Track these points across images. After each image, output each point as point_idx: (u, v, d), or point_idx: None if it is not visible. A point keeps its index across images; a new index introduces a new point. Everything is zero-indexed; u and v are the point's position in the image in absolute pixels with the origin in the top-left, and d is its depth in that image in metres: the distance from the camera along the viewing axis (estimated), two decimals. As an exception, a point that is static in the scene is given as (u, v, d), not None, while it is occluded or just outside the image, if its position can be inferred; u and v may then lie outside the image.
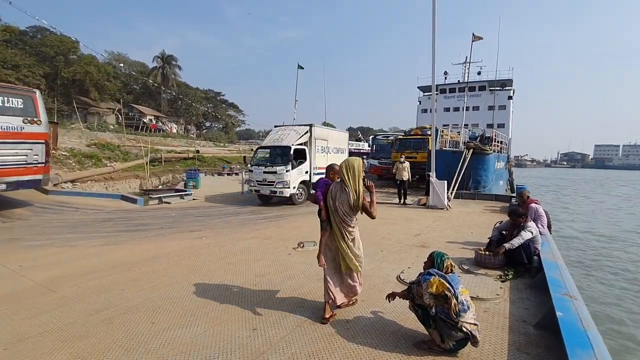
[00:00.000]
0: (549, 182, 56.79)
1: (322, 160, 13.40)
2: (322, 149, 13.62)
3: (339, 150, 14.99)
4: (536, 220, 5.73)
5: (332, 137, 14.47)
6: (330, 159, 13.60)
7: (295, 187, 12.26)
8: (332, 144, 14.36)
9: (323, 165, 12.64)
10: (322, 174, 12.26)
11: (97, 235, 7.57)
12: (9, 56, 30.34)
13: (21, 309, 3.71)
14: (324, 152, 13.75)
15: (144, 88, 51.12)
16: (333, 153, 14.33)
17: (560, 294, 3.37)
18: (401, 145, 17.62)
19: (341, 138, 15.43)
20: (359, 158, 3.55)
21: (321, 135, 13.62)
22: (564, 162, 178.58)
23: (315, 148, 13.14)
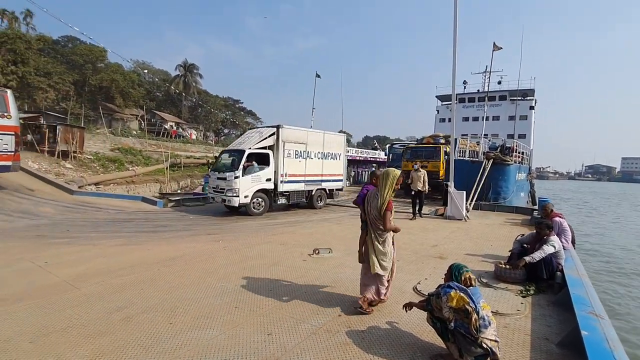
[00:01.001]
0: (574, 195, 54.76)
1: (298, 167, 11.99)
2: (297, 153, 11.93)
3: (328, 155, 13.12)
4: (560, 235, 5.53)
5: (315, 141, 12.61)
6: (313, 165, 12.47)
7: (248, 196, 10.75)
8: (315, 147, 12.56)
9: (299, 172, 12.02)
10: (298, 181, 12.01)
11: (118, 235, 7.80)
12: (42, 64, 31.99)
13: (47, 304, 3.85)
14: (301, 158, 12.04)
15: (166, 95, 52.80)
16: (318, 159, 12.71)
17: (586, 312, 3.23)
18: (412, 154, 17.21)
19: (331, 141, 13.38)
20: (397, 170, 3.75)
21: (294, 138, 11.88)
22: (589, 174, 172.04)
23: (285, 152, 11.51)
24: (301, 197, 12.41)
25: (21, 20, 37.69)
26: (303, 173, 12.20)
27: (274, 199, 11.60)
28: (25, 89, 29.84)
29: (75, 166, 18.82)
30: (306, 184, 12.39)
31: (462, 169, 12.98)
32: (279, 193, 11.59)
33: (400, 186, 3.84)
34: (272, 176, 11.33)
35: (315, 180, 12.70)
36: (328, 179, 13.23)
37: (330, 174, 13.29)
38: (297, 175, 12.01)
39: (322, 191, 13.21)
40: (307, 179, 12.38)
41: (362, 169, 27.27)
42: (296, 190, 12.13)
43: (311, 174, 12.49)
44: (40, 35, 34.99)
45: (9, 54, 28.50)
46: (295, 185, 12.04)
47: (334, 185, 13.65)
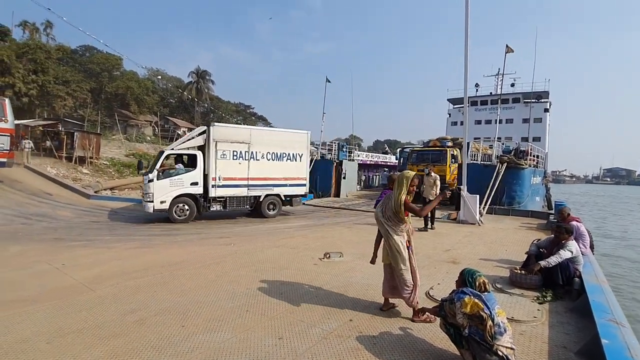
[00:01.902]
0: (591, 199, 53.26)
1: (237, 169, 10.66)
2: (235, 154, 10.58)
3: (284, 156, 11.50)
4: (577, 240, 5.37)
5: (263, 140, 11.15)
6: (260, 167, 11.04)
7: (166, 201, 9.79)
8: (264, 147, 11.07)
9: (239, 176, 10.68)
10: (238, 186, 10.70)
11: (132, 238, 7.94)
12: (61, 73, 33.08)
13: (63, 306, 3.94)
14: (241, 159, 10.70)
15: (179, 102, 53.82)
16: (268, 160, 11.17)
17: (606, 320, 3.12)
18: (418, 157, 16.48)
19: (289, 140, 11.71)
20: (412, 173, 3.75)
21: (231, 137, 10.58)
22: (607, 178, 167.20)
23: (218, 153, 10.29)
24: (243, 203, 11.00)
25: (42, 31, 39.12)
26: (245, 176, 10.83)
27: (205, 205, 10.43)
28: (45, 97, 30.87)
29: (91, 171, 19.31)
30: (250, 189, 10.98)
31: (474, 173, 12.78)
32: (212, 199, 10.40)
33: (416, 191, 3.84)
34: (199, 180, 10.24)
35: (263, 184, 11.19)
36: (283, 183, 11.56)
37: (287, 178, 11.63)
38: (236, 179, 10.68)
39: (275, 197, 11.52)
40: (251, 184, 10.94)
41: (372, 173, 27.12)
42: (235, 196, 10.76)
43: (257, 177, 11.04)
44: (59, 45, 36.23)
45: (30, 63, 29.57)
46: (234, 190, 10.71)
47: (294, 190, 11.87)
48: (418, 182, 3.82)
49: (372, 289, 4.51)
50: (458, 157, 15.74)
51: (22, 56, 29.52)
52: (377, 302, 4.11)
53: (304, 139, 12.21)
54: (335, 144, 20.75)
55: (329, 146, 20.69)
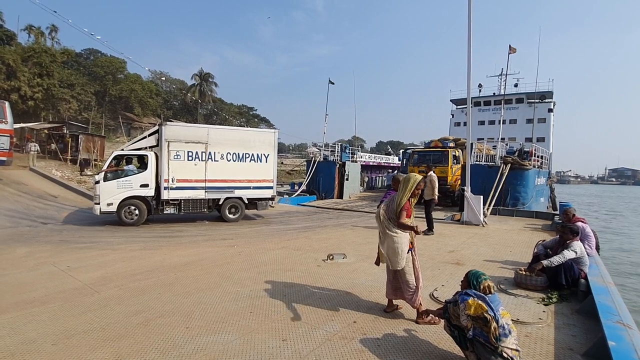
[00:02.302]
0: (596, 200, 52.84)
1: (193, 171, 10.12)
2: (190, 155, 10.05)
3: (247, 157, 10.77)
4: (583, 241, 5.32)
5: (222, 139, 10.52)
6: (220, 168, 10.43)
7: (113, 203, 9.51)
8: (224, 147, 10.47)
9: (195, 177, 10.18)
10: (194, 188, 10.20)
11: (136, 239, 7.98)
12: (66, 76, 33.41)
13: (69, 307, 3.96)
14: (197, 160, 10.15)
15: (182, 104, 54.14)
16: (228, 161, 10.53)
17: (613, 322, 3.09)
18: (419, 158, 16.24)
19: (253, 139, 10.95)
20: (419, 176, 3.73)
21: (186, 137, 10.03)
22: (613, 178, 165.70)
23: (171, 154, 9.80)
24: (200, 206, 10.45)
25: (47, 34, 39.51)
26: (202, 178, 10.29)
27: (158, 207, 10.04)
28: (50, 100, 31.16)
29: (96, 174, 19.42)
30: (208, 192, 10.40)
31: (478, 174, 12.72)
32: (165, 201, 9.96)
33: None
34: (150, 181, 9.85)
35: (223, 187, 10.60)
36: (246, 185, 10.85)
37: (251, 180, 10.91)
38: (191, 181, 10.17)
39: (238, 201, 10.84)
40: (209, 186, 10.38)
41: (375, 174, 27.06)
42: (191, 199, 10.24)
43: (216, 179, 10.46)
44: (64, 49, 36.59)
45: (35, 67, 29.88)
46: (189, 192, 10.19)
47: (259, 193, 11.08)
48: (423, 185, 3.82)
49: (376, 291, 4.50)
50: (460, 157, 15.62)
51: (28, 60, 29.85)
52: (381, 303, 4.10)
53: (271, 138, 11.25)
54: (338, 145, 20.73)
55: (331, 147, 20.68)
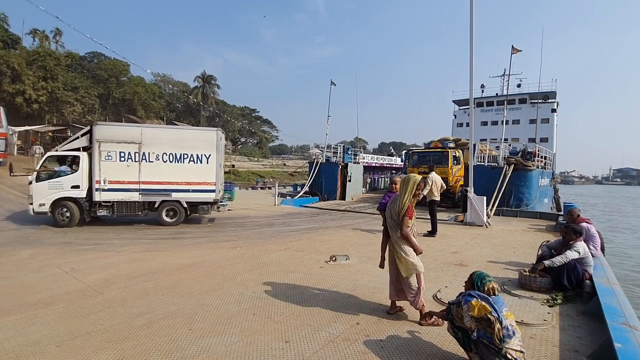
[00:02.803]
0: (601, 201, 52.46)
1: (126, 172, 9.77)
2: (122, 155, 9.71)
3: (185, 157, 10.14)
4: (588, 241, 5.28)
5: (157, 139, 10.03)
6: (155, 170, 9.96)
7: (45, 204, 9.43)
8: (159, 148, 9.97)
9: (129, 179, 9.84)
10: (127, 190, 9.86)
11: (140, 241, 8.00)
12: (70, 79, 33.68)
13: (72, 309, 3.98)
14: (131, 161, 9.77)
15: (185, 106, 54.41)
16: (164, 162, 10.00)
17: (618, 323, 3.07)
18: (419, 159, 16.09)
19: (192, 139, 10.34)
20: (419, 176, 3.72)
21: (118, 137, 9.72)
22: (617, 178, 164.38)
23: (103, 154, 9.55)
24: (135, 209, 10.08)
25: (51, 38, 39.83)
26: (136, 180, 9.90)
27: (91, 209, 9.84)
28: (54, 103, 31.42)
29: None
30: (143, 194, 9.97)
31: (481, 175, 12.65)
32: (98, 203, 9.73)
33: None
34: (81, 183, 9.63)
35: (158, 189, 10.06)
36: (185, 188, 10.22)
37: (190, 182, 10.25)
38: (124, 183, 9.82)
39: (176, 204, 10.27)
40: (143, 188, 9.95)
41: (378, 175, 27.01)
42: (125, 201, 9.90)
43: (151, 181, 9.99)
44: (68, 52, 36.92)
45: (39, 70, 30.16)
46: (123, 194, 9.85)
47: (199, 197, 10.36)
48: (424, 185, 3.82)
49: (379, 292, 4.49)
50: (460, 158, 15.51)
51: (32, 63, 30.13)
52: (384, 305, 4.09)
53: (212, 137, 10.41)
54: (340, 146, 20.73)
55: (334, 149, 20.68)
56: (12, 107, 28.91)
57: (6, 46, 32.03)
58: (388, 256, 3.90)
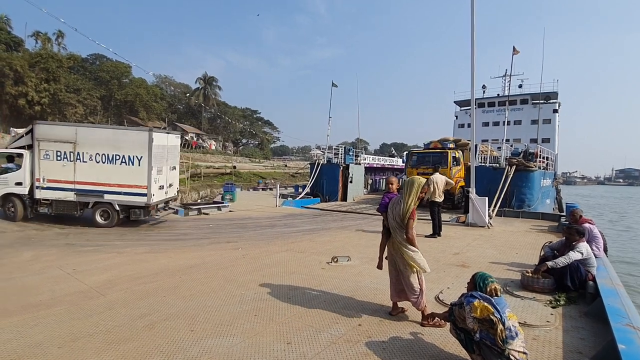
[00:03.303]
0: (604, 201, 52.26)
1: (63, 171, 9.84)
2: (59, 155, 9.78)
3: (117, 159, 9.85)
4: (590, 242, 5.26)
5: (92, 140, 9.95)
6: (89, 171, 9.88)
7: None
8: (93, 148, 9.87)
9: (65, 179, 9.87)
10: (64, 189, 9.93)
11: (142, 243, 8.02)
12: (72, 81, 33.82)
13: (74, 311, 3.98)
14: (67, 160, 9.80)
15: (187, 107, 54.52)
16: (97, 162, 9.88)
17: (622, 325, 3.04)
18: (418, 160, 15.92)
19: (125, 140, 9.98)
20: (423, 179, 3.71)
21: (55, 136, 9.81)
22: (620, 179, 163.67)
23: (42, 153, 9.72)
24: (71, 208, 10.06)
25: (54, 40, 40.06)
26: (72, 180, 9.91)
27: (33, 206, 10.07)
28: (56, 104, 31.55)
29: None
30: (77, 194, 9.92)
31: (483, 176, 12.62)
32: (39, 200, 9.94)
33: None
34: (23, 180, 9.86)
35: (92, 190, 9.91)
36: (117, 190, 9.87)
37: (122, 184, 9.88)
38: (61, 182, 9.89)
39: (109, 206, 10.00)
40: (78, 188, 9.90)
41: (379, 176, 26.99)
42: (62, 200, 9.98)
43: (85, 181, 9.91)
44: (70, 54, 37.10)
45: (42, 72, 30.30)
46: (60, 193, 9.94)
47: (130, 200, 9.89)
48: (428, 188, 3.82)
49: (381, 293, 4.47)
50: (460, 159, 15.44)
51: (35, 65, 30.27)
52: (386, 306, 4.07)
53: (143, 138, 9.92)
54: (341, 147, 20.72)
55: (335, 150, 20.68)
56: (14, 109, 29.09)
57: (9, 48, 32.21)
58: (387, 257, 3.88)
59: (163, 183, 10.53)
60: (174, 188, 11.50)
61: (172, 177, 11.19)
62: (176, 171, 11.57)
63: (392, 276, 3.82)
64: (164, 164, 10.45)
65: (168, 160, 10.68)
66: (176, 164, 11.46)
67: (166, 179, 10.67)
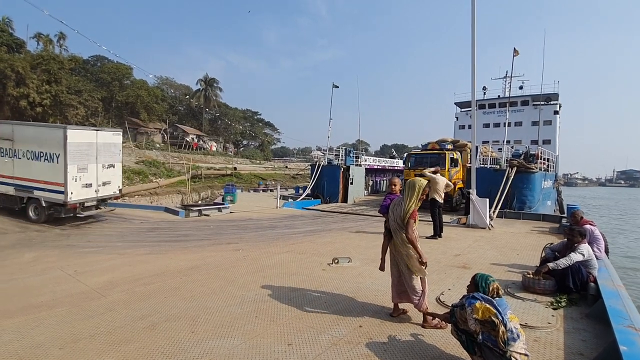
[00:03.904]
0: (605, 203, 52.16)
1: (5, 167, 10.63)
2: (2, 152, 10.67)
3: (41, 156, 10.10)
4: (591, 244, 5.25)
5: (26, 137, 10.41)
6: (24, 167, 10.37)
7: None
8: (25, 145, 10.33)
9: (7, 174, 10.58)
10: (6, 184, 10.66)
11: (143, 244, 8.02)
12: (73, 83, 33.89)
13: (76, 312, 3.99)
14: (7, 156, 10.58)
15: (187, 109, 54.62)
16: (28, 159, 10.28)
17: (624, 326, 3.04)
18: (416, 161, 15.81)
19: (46, 137, 10.15)
20: (425, 181, 3.70)
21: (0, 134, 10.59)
22: (621, 180, 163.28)
23: None
24: (13, 202, 10.71)
25: (55, 42, 40.15)
26: (11, 175, 10.61)
27: None
28: (57, 106, 31.60)
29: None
30: (16, 189, 10.57)
31: (484, 178, 12.61)
32: None
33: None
34: None
35: (24, 186, 10.41)
36: (42, 187, 10.15)
37: (45, 182, 10.07)
38: (4, 177, 10.70)
39: (38, 202, 10.28)
40: (16, 183, 10.55)
41: (380, 177, 26.97)
42: (4, 194, 10.78)
43: (20, 177, 10.46)
44: (72, 56, 37.16)
45: (43, 74, 30.36)
46: (3, 187, 10.77)
47: (50, 197, 10.05)
48: (429, 190, 3.82)
49: (382, 295, 4.47)
50: (458, 160, 15.41)
51: (36, 67, 30.34)
52: (387, 307, 4.07)
53: (58, 135, 9.88)
54: (342, 149, 20.73)
55: (336, 151, 20.69)
56: (16, 111, 29.12)
57: (11, 50, 32.30)
58: (389, 259, 3.88)
59: (90, 181, 10.44)
60: (113, 186, 11.31)
61: (108, 175, 11.02)
62: (115, 169, 11.34)
63: (394, 277, 3.82)
64: (90, 161, 10.35)
65: (99, 158, 10.58)
66: (114, 162, 11.27)
67: (96, 177, 10.58)
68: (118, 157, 11.46)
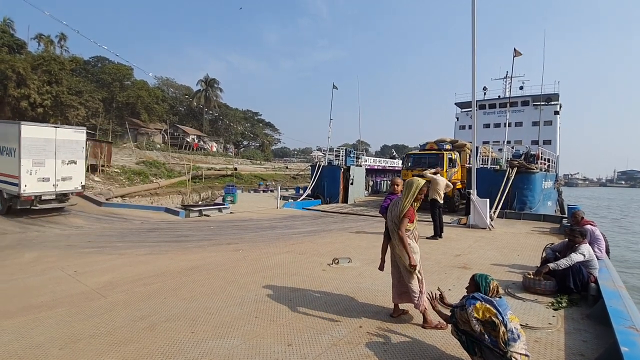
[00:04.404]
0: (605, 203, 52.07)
1: None
2: None
3: (6, 150, 10.95)
4: (592, 244, 5.24)
5: None
6: None
7: None
8: None
9: None
10: None
11: (143, 244, 8.02)
12: (74, 83, 33.94)
13: (75, 312, 3.99)
14: None
15: (188, 109, 54.68)
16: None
17: (625, 327, 3.03)
18: (414, 161, 15.76)
19: (6, 133, 11.05)
20: (424, 181, 3.69)
21: None
22: (622, 181, 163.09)
23: None
24: None
25: (56, 43, 40.22)
26: None
27: None
28: (58, 107, 31.65)
29: (103, 179, 19.66)
30: None
31: (484, 178, 12.59)
32: None
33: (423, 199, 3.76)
34: None
35: None
36: (3, 179, 11.25)
37: (5, 174, 11.12)
38: None
39: (1, 193, 11.29)
40: None
41: (380, 178, 26.95)
42: None
43: None
44: (72, 57, 37.23)
45: (44, 75, 30.41)
46: None
47: (9, 189, 10.97)
48: (427, 189, 3.81)
49: (382, 295, 4.46)
50: (457, 160, 15.36)
51: (37, 68, 30.39)
52: (387, 308, 4.06)
53: (15, 130, 10.59)
54: (342, 149, 20.72)
55: (336, 152, 20.68)
56: (17, 111, 29.16)
57: (12, 51, 32.37)
58: (390, 259, 3.88)
59: (48, 175, 11.02)
60: (74, 182, 11.76)
61: (69, 171, 11.52)
62: (77, 165, 11.81)
63: (395, 278, 3.81)
64: (48, 157, 10.92)
65: (58, 154, 11.16)
66: (76, 159, 11.75)
67: (55, 172, 11.15)
68: (80, 154, 11.94)
